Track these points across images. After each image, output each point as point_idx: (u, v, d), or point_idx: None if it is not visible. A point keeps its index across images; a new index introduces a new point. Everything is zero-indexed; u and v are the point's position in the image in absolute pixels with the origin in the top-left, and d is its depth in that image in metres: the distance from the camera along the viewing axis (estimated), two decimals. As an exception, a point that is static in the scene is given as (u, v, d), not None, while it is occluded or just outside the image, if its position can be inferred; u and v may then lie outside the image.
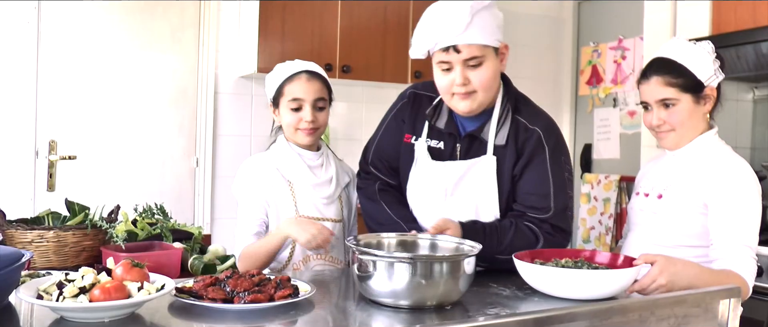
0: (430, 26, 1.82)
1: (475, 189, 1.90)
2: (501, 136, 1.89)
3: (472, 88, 1.83)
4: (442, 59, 1.82)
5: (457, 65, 1.81)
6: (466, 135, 1.92)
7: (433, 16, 1.82)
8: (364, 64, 4.03)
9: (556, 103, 5.02)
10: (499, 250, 1.80)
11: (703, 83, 1.82)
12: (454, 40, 1.77)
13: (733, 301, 1.55)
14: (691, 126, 1.86)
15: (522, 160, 1.87)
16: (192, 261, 2.05)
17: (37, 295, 1.30)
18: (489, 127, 1.90)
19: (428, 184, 1.96)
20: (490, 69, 1.83)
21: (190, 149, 3.96)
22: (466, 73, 1.81)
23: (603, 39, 4.74)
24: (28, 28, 3.52)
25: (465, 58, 1.80)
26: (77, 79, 3.65)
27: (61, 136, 3.62)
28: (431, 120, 1.97)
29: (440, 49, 1.81)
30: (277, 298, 1.39)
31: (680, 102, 1.83)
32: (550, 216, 1.86)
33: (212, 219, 3.99)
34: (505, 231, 1.84)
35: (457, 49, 1.79)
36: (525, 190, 1.88)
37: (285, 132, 2.13)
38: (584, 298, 1.49)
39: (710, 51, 1.84)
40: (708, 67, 1.82)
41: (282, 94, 2.08)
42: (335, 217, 2.10)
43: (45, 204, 3.14)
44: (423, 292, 1.40)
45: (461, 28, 1.76)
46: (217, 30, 3.97)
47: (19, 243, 1.94)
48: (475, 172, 1.90)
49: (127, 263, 1.39)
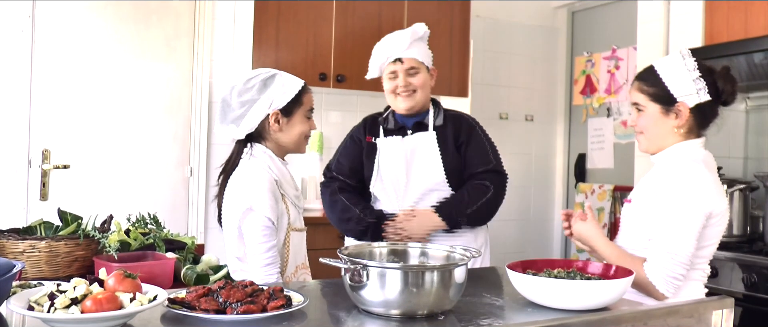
0: (382, 48, 2.57)
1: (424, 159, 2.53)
2: (439, 120, 2.59)
3: (413, 88, 2.53)
4: (391, 69, 2.56)
5: (400, 73, 2.54)
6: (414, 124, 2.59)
7: (385, 42, 2.59)
8: (359, 74, 4.03)
9: (551, 112, 5.03)
10: (466, 206, 2.48)
11: (675, 98, 1.88)
12: (399, 54, 2.53)
13: (727, 311, 1.55)
14: (656, 134, 1.92)
15: (462, 135, 2.56)
16: (185, 271, 2.04)
17: (28, 307, 1.29)
18: (428, 117, 2.60)
19: (390, 161, 2.56)
20: (424, 77, 2.57)
21: (183, 158, 3.95)
22: (406, 79, 2.53)
23: (597, 49, 4.76)
24: (22, 37, 3.52)
25: (406, 68, 2.54)
26: (71, 88, 3.65)
27: (55, 144, 3.61)
28: (384, 123, 2.63)
29: (390, 62, 2.54)
30: (270, 309, 1.39)
31: (647, 109, 1.92)
32: (493, 166, 2.54)
33: (206, 228, 3.98)
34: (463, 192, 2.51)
35: (401, 61, 2.53)
36: (470, 157, 2.55)
37: (291, 141, 2.10)
38: (577, 309, 1.49)
39: (692, 68, 1.87)
40: (685, 85, 1.87)
41: (301, 103, 2.09)
42: (304, 226, 2.19)
43: (38, 213, 3.13)
44: (414, 301, 1.40)
45: (404, 47, 2.53)
46: (212, 39, 3.97)
47: (11, 253, 1.93)
48: (421, 144, 2.55)
49: (120, 274, 1.39)
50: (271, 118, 2.06)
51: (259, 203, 1.97)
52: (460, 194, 2.51)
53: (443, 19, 4.25)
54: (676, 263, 1.78)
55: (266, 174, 2.03)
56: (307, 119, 2.11)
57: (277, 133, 2.08)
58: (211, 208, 3.98)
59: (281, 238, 2.05)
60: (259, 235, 1.96)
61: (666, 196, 1.83)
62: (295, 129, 2.09)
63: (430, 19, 4.21)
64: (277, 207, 2.01)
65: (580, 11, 4.96)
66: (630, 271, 1.59)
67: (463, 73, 4.30)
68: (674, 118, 1.90)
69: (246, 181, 2.03)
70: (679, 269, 1.78)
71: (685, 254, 1.79)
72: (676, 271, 1.78)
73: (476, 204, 2.49)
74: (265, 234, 1.96)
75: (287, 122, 2.08)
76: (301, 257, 2.15)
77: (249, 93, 2.04)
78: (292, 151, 2.14)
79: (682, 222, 1.80)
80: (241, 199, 2.00)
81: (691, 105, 1.88)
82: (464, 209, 2.48)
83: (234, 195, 2.04)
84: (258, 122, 2.06)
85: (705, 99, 1.88)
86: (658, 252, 1.81)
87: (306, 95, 2.11)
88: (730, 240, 3.17)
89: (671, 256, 1.79)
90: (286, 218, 2.06)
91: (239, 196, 2.01)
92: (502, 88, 4.86)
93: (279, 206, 2.02)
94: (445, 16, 4.25)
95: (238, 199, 2.01)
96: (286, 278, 2.06)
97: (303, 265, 2.17)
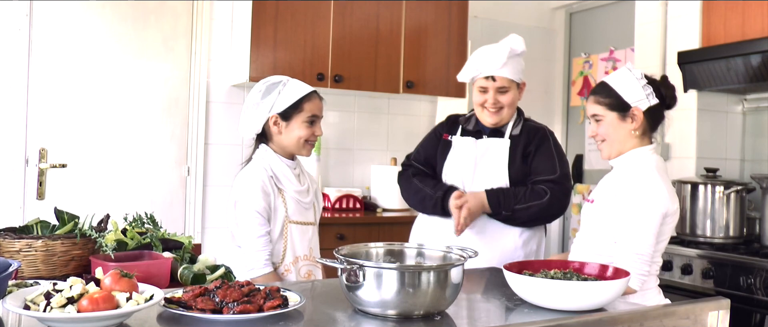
0: (478, 60, 2.53)
1: (492, 163, 2.54)
2: (516, 130, 2.59)
3: (501, 106, 2.53)
4: (482, 85, 2.54)
5: (491, 90, 2.52)
6: (490, 130, 2.59)
7: (482, 53, 2.53)
8: (356, 74, 4.04)
9: (548, 113, 5.04)
10: (516, 202, 2.46)
11: (630, 104, 2.09)
12: (492, 72, 2.50)
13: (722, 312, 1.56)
14: (616, 139, 2.12)
15: (532, 145, 2.55)
16: (182, 271, 2.04)
17: (24, 306, 1.29)
18: (507, 127, 2.60)
19: (460, 159, 2.59)
20: (513, 95, 2.56)
21: (181, 158, 3.95)
22: (496, 97, 2.52)
23: (594, 50, 4.77)
24: (20, 36, 3.52)
25: (498, 86, 2.51)
26: (68, 87, 3.65)
27: (52, 144, 3.61)
28: (464, 124, 2.65)
29: (482, 77, 2.52)
30: (267, 309, 1.39)
31: (606, 118, 2.12)
32: (557, 176, 2.51)
33: (203, 228, 3.97)
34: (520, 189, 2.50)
35: (494, 79, 2.50)
36: (536, 164, 2.54)
37: (291, 144, 2.26)
38: (574, 310, 1.49)
39: (639, 77, 2.11)
40: (636, 91, 2.09)
41: (301, 109, 2.23)
42: (313, 220, 2.35)
43: (34, 212, 3.13)
44: (411, 301, 1.41)
45: (499, 65, 2.48)
46: (210, 39, 3.97)
47: (7, 252, 1.92)
48: (493, 149, 2.56)
49: (116, 273, 1.39)
50: (270, 121, 2.23)
51: (245, 196, 2.19)
52: (517, 190, 2.51)
53: (441, 19, 4.26)
54: (642, 261, 1.96)
55: (259, 171, 2.22)
56: (307, 125, 2.24)
57: (277, 135, 2.25)
58: (208, 207, 3.99)
59: (277, 229, 2.23)
60: (246, 224, 2.19)
61: (627, 201, 2.01)
62: (294, 133, 2.24)
63: (427, 20, 4.22)
64: (269, 200, 2.20)
65: (577, 12, 4.97)
66: (626, 273, 1.60)
67: (460, 74, 4.30)
68: (631, 122, 2.10)
69: (240, 177, 2.25)
70: (644, 266, 1.96)
71: (648, 252, 1.97)
72: (643, 269, 1.96)
73: (526, 203, 2.47)
74: (251, 223, 2.18)
75: (286, 126, 2.23)
76: (304, 249, 2.28)
77: (256, 96, 2.24)
78: (294, 153, 2.29)
79: (644, 224, 1.97)
80: (233, 192, 2.25)
81: (643, 108, 2.09)
82: (512, 203, 2.47)
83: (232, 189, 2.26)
84: (260, 124, 2.25)
85: (654, 102, 2.09)
86: (626, 253, 1.97)
87: (308, 103, 2.24)
88: (726, 241, 3.18)
89: (638, 256, 1.95)
90: (282, 211, 2.23)
91: (233, 190, 2.26)
92: (499, 89, 4.85)
93: (271, 200, 2.21)
94: (442, 16, 4.25)
95: (232, 192, 2.26)
96: (285, 268, 2.21)
97: (305, 257, 2.28)
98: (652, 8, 3.77)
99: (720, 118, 3.64)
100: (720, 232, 3.19)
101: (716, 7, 3.40)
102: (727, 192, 3.18)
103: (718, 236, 3.19)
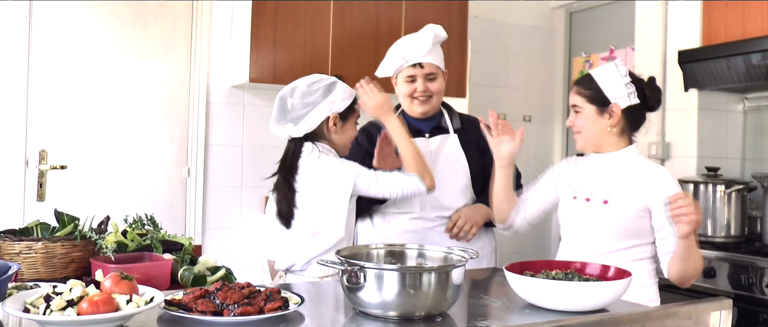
0: (401, 49, 2.51)
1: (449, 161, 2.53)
2: (455, 124, 2.60)
3: (430, 93, 2.52)
4: (409, 73, 2.51)
5: (419, 78, 2.50)
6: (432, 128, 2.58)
7: (405, 42, 2.52)
8: (356, 74, 4.00)
9: (548, 113, 5.03)
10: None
11: (609, 100, 2.09)
12: (419, 58, 2.48)
13: (724, 313, 1.55)
14: (592, 133, 2.13)
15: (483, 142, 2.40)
16: (182, 272, 2.04)
17: (23, 309, 1.28)
18: (443, 120, 2.61)
19: None
20: (441, 83, 2.55)
21: (181, 159, 3.95)
22: (426, 84, 2.51)
23: (595, 49, 4.76)
24: (19, 37, 3.51)
25: (426, 72, 2.50)
26: (68, 89, 3.64)
27: (52, 145, 3.60)
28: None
29: (409, 65, 2.49)
30: (267, 311, 1.38)
31: (584, 110, 2.13)
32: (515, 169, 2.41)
33: (203, 229, 3.97)
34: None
35: (421, 65, 2.48)
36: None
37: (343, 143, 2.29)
38: (575, 310, 1.49)
39: (624, 74, 2.10)
40: (618, 88, 2.09)
41: (354, 110, 2.30)
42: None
43: (35, 214, 3.12)
44: (412, 302, 1.40)
45: (425, 52, 2.47)
46: (209, 39, 3.97)
47: (7, 254, 1.92)
48: (447, 147, 2.55)
49: (116, 275, 1.38)
50: (330, 121, 2.23)
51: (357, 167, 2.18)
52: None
53: (441, 19, 4.24)
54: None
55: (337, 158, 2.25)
56: (355, 125, 2.33)
57: (333, 134, 2.26)
58: (208, 208, 3.98)
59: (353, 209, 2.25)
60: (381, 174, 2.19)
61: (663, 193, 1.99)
62: (348, 133, 2.30)
63: (427, 20, 4.18)
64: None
65: (577, 12, 4.96)
66: (628, 273, 1.60)
67: (460, 74, 4.29)
68: (608, 118, 2.10)
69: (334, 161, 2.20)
70: None
71: None
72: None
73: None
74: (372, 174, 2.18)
75: (342, 126, 2.26)
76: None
77: (313, 96, 2.22)
78: (341, 152, 2.30)
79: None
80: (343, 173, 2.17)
81: (622, 106, 2.09)
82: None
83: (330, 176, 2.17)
84: (317, 123, 2.22)
85: (634, 102, 2.09)
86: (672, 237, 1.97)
87: (357, 104, 2.32)
88: (728, 241, 3.17)
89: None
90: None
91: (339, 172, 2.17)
92: (499, 89, 4.85)
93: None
94: (442, 16, 4.25)
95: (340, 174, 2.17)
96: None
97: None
98: (653, 7, 3.77)
99: (721, 118, 3.64)
100: (721, 232, 3.19)
101: (717, 6, 3.39)
102: (728, 191, 3.18)
103: (719, 236, 3.19)
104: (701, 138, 3.57)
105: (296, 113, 2.21)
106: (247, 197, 4.08)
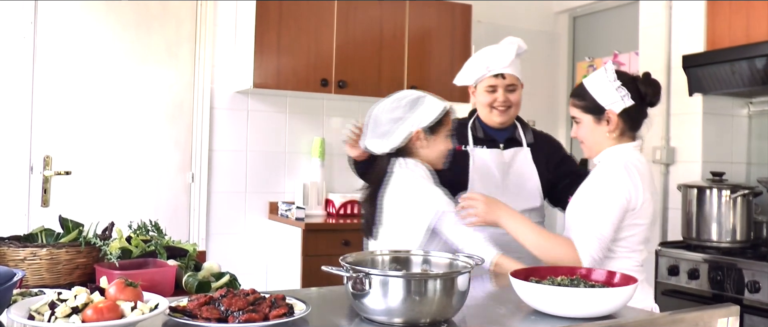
0: (484, 59, 2.52)
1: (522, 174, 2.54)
2: (529, 137, 2.62)
3: (510, 104, 2.53)
4: (490, 83, 2.52)
5: (500, 88, 2.51)
6: (506, 139, 2.59)
7: (488, 52, 2.54)
8: (360, 79, 4.04)
9: (552, 117, 5.03)
10: None
11: (604, 107, 2.11)
12: (502, 69, 2.50)
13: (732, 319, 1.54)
14: (593, 141, 2.18)
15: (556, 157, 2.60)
16: (186, 278, 2.03)
17: (28, 316, 1.28)
18: (517, 132, 2.62)
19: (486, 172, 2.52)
20: (519, 95, 2.57)
21: (185, 164, 3.95)
22: (506, 95, 2.52)
23: (598, 54, 4.76)
24: (24, 43, 3.52)
25: (507, 83, 2.52)
26: (72, 94, 3.65)
27: (56, 151, 3.61)
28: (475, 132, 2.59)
29: (491, 75, 2.51)
30: (272, 318, 1.37)
31: (583, 121, 2.18)
32: None
33: (207, 235, 3.97)
34: None
35: (503, 76, 2.50)
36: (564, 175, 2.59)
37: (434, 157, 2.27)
38: (581, 317, 1.48)
39: (613, 79, 2.11)
40: (609, 94, 2.10)
41: (444, 124, 2.26)
42: None
43: (39, 220, 3.12)
44: (417, 309, 1.39)
45: (507, 63, 2.49)
46: (213, 45, 3.98)
47: (12, 261, 1.92)
48: (519, 159, 2.57)
49: (121, 282, 1.38)
50: (414, 136, 2.23)
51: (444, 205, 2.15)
52: None
53: (444, 24, 4.25)
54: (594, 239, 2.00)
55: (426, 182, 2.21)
56: (447, 138, 2.28)
57: (422, 149, 2.26)
58: (212, 214, 3.98)
59: None
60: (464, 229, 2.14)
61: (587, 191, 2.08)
62: (439, 147, 2.27)
63: (431, 24, 4.22)
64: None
65: (581, 16, 4.96)
66: (634, 279, 1.59)
67: (464, 79, 4.30)
68: (606, 124, 2.13)
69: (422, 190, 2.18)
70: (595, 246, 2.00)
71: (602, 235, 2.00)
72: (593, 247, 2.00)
73: None
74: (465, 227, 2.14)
75: (431, 140, 2.25)
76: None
77: (398, 111, 2.23)
78: (434, 166, 2.30)
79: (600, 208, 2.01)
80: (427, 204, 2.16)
81: (618, 111, 2.10)
82: None
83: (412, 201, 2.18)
84: (403, 138, 2.22)
85: (629, 104, 2.10)
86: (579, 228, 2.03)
87: (448, 117, 2.28)
88: (733, 245, 3.16)
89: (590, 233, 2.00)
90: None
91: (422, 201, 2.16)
92: (503, 94, 4.85)
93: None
94: (446, 21, 4.25)
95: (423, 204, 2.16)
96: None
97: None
98: (656, 11, 3.76)
99: (725, 122, 3.63)
100: (727, 237, 3.18)
101: (721, 10, 3.38)
102: (733, 196, 3.16)
103: (724, 241, 3.17)
104: (706, 143, 3.56)
105: (383, 129, 2.24)
106: (251, 203, 4.08)
